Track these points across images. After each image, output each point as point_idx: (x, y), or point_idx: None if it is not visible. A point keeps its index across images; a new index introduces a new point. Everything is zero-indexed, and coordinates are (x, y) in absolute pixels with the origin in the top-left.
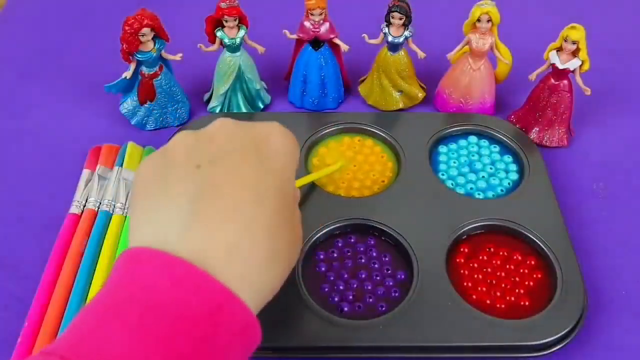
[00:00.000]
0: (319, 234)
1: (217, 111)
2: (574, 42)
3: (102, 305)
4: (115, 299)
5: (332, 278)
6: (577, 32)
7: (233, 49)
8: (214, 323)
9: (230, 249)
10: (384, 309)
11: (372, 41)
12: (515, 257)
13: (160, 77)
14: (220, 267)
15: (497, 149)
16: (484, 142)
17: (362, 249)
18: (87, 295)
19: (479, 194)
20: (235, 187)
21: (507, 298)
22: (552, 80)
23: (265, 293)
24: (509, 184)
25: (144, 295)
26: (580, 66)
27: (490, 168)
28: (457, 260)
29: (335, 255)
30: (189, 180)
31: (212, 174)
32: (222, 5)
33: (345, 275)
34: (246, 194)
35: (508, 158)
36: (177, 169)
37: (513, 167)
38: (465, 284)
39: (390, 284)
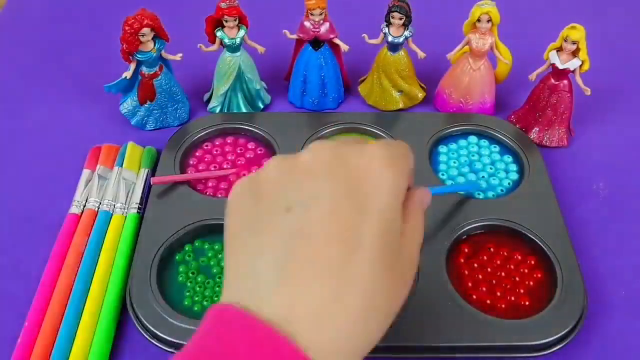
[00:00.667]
0: None
1: (217, 111)
2: (574, 42)
3: (185, 355)
4: (199, 351)
5: None
6: (577, 32)
7: (233, 49)
8: None
9: (318, 312)
10: None
11: (372, 41)
12: (515, 257)
13: (160, 77)
14: (305, 333)
15: (497, 149)
16: (484, 142)
17: None
18: (87, 295)
19: (478, 194)
20: (327, 240)
21: (508, 298)
22: (552, 80)
23: (359, 353)
24: (509, 184)
25: (223, 353)
26: (580, 66)
27: (490, 168)
28: (458, 260)
29: None
30: (278, 229)
31: (302, 222)
32: (222, 5)
33: None
34: (339, 247)
35: (508, 158)
36: (267, 211)
37: (513, 167)
38: (465, 284)
39: None
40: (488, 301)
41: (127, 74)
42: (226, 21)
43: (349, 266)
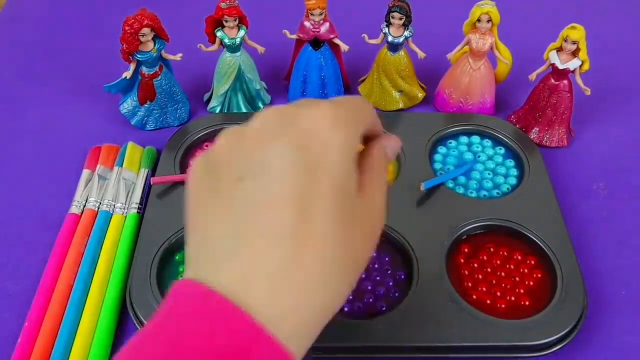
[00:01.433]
0: None
1: (217, 111)
2: (574, 42)
3: (143, 332)
4: (155, 326)
5: None
6: (577, 32)
7: (233, 49)
8: None
9: (273, 276)
10: (384, 309)
11: (372, 41)
12: (515, 257)
13: (160, 77)
14: (259, 298)
15: (497, 148)
16: (484, 142)
17: None
18: (87, 295)
19: (471, 193)
20: (278, 203)
21: (507, 298)
22: (552, 80)
23: (319, 319)
24: (509, 184)
25: (177, 325)
26: (580, 66)
27: (489, 174)
28: (457, 260)
29: None
30: (231, 200)
31: (253, 190)
32: (222, 5)
33: None
34: (291, 209)
35: (508, 158)
36: (220, 184)
37: (513, 167)
38: (465, 284)
39: (390, 284)
40: (488, 301)
41: (127, 74)
42: (226, 21)
43: (303, 226)
